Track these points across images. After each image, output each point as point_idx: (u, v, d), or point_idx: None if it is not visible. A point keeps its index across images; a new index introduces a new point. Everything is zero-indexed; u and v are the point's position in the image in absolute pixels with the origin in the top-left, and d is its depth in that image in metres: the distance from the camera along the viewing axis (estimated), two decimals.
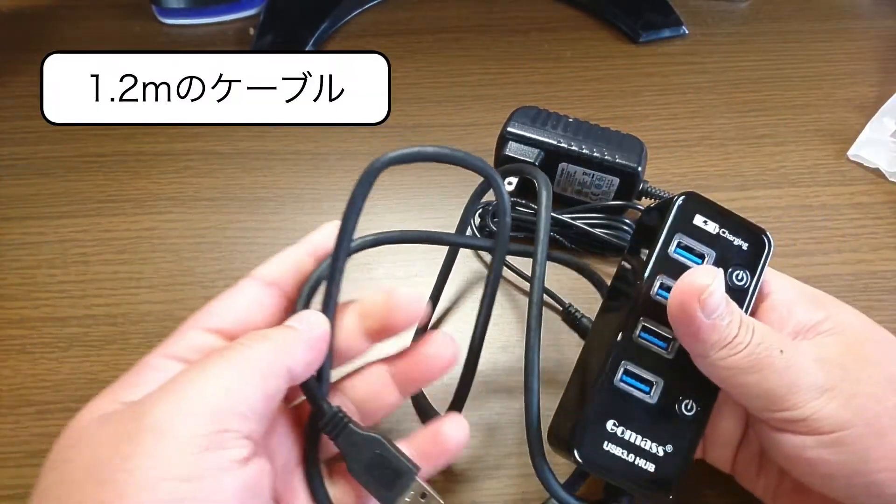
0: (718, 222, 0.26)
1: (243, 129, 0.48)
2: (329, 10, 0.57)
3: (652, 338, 0.25)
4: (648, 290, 0.25)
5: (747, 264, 0.26)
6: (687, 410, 0.25)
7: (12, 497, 0.31)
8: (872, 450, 0.22)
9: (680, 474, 0.25)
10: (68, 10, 0.59)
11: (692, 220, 0.26)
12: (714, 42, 0.57)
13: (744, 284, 0.26)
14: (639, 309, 0.25)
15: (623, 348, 0.25)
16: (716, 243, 0.26)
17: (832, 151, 0.48)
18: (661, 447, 0.25)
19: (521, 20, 0.59)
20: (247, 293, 0.25)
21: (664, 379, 0.25)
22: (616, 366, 0.25)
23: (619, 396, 0.25)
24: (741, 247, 0.26)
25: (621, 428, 0.25)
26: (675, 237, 0.26)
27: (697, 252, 0.26)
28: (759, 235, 0.27)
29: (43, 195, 0.44)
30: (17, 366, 0.36)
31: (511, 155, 0.41)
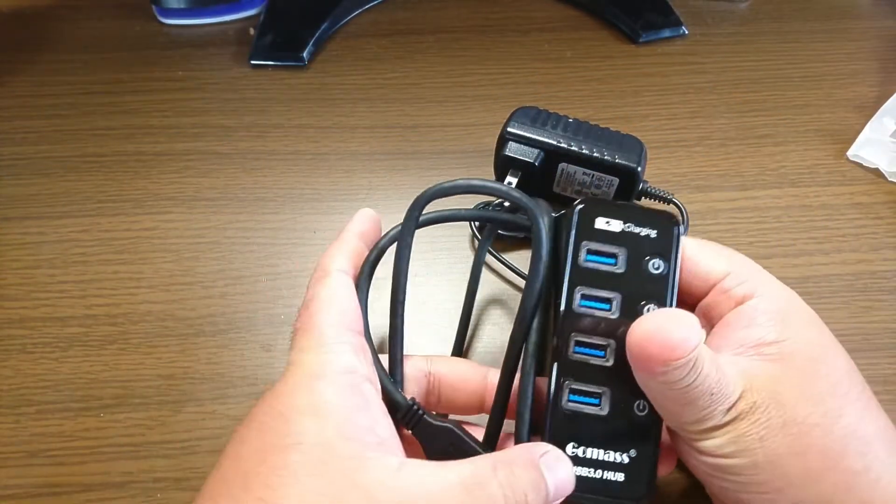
0: (622, 218, 0.26)
1: (243, 129, 0.48)
2: (329, 10, 0.57)
3: (587, 350, 0.25)
4: (571, 306, 0.25)
5: (661, 251, 0.26)
6: (640, 411, 0.25)
7: (12, 497, 0.31)
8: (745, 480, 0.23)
9: (651, 475, 0.25)
10: (68, 10, 0.59)
11: (594, 225, 0.26)
12: (714, 42, 0.57)
13: (662, 272, 0.25)
14: (567, 326, 0.25)
15: (562, 369, 0.25)
16: (624, 240, 0.26)
17: (832, 151, 0.48)
18: (625, 454, 0.25)
19: (521, 20, 0.59)
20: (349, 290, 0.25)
21: (610, 387, 0.25)
22: (560, 389, 0.25)
23: (570, 418, 0.25)
24: (650, 236, 0.26)
25: (581, 448, 0.25)
26: (581, 245, 0.26)
27: (608, 253, 0.26)
28: (666, 220, 0.26)
29: (43, 195, 0.44)
30: (18, 366, 0.36)
31: (511, 155, 0.41)
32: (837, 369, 0.25)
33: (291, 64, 0.54)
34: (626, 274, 0.25)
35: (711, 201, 0.44)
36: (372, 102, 0.51)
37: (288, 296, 0.39)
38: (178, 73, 0.53)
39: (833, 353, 0.25)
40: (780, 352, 0.24)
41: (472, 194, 0.27)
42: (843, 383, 0.24)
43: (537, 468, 0.22)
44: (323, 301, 0.23)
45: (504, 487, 0.20)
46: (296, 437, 0.19)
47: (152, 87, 0.52)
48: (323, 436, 0.19)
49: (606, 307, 0.25)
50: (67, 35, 0.57)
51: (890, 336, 0.38)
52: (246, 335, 0.37)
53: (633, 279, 0.25)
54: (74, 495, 0.31)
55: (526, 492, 0.21)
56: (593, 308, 0.25)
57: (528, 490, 0.21)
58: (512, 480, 0.21)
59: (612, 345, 0.25)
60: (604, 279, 0.25)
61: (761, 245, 0.42)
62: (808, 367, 0.24)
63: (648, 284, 0.25)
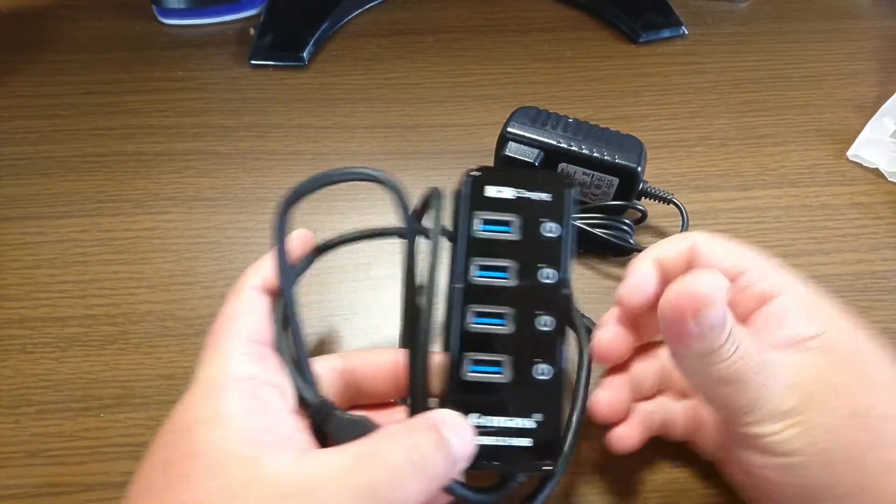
0: (513, 185, 0.26)
1: (243, 129, 0.48)
2: (329, 10, 0.57)
3: (486, 319, 0.25)
4: (467, 277, 0.25)
5: (554, 214, 0.26)
6: (542, 374, 0.25)
7: (12, 497, 0.31)
8: (818, 479, 0.22)
9: (560, 437, 0.25)
10: (68, 10, 0.59)
11: (485, 194, 0.26)
12: (714, 42, 0.57)
13: (555, 234, 0.25)
14: (465, 298, 0.25)
15: (461, 341, 0.25)
16: (516, 206, 0.26)
17: (832, 151, 0.48)
18: (530, 419, 0.25)
19: (521, 20, 0.59)
20: (258, 304, 0.26)
21: (511, 354, 0.25)
22: (460, 360, 0.25)
23: (472, 389, 0.25)
24: (542, 199, 0.26)
25: (486, 418, 0.25)
26: (474, 217, 0.26)
27: (501, 221, 0.26)
28: (558, 183, 0.26)
29: (43, 195, 0.44)
30: (18, 366, 0.36)
31: (511, 155, 0.41)
32: (880, 356, 0.25)
33: (291, 64, 0.54)
34: (522, 240, 0.25)
35: (711, 201, 0.45)
36: (372, 102, 0.51)
37: None
38: (178, 73, 0.53)
39: (868, 340, 0.25)
40: (824, 344, 0.24)
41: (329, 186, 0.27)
42: (889, 369, 0.24)
43: (437, 430, 0.22)
44: (227, 317, 0.25)
45: (404, 450, 0.21)
46: (197, 447, 0.20)
47: (152, 87, 0.52)
48: (221, 442, 0.20)
49: (504, 275, 0.25)
50: (67, 35, 0.57)
51: (890, 336, 0.38)
52: None
53: (528, 245, 0.25)
54: (74, 495, 0.31)
55: (427, 451, 0.21)
56: (491, 277, 0.25)
57: (430, 449, 0.21)
58: (411, 442, 0.21)
59: (512, 312, 0.25)
60: (499, 248, 0.25)
61: (761, 245, 0.42)
62: (854, 358, 0.24)
63: (543, 249, 0.25)
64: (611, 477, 0.33)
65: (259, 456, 0.20)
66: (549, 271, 0.25)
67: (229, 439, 0.20)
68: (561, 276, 0.25)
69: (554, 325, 0.25)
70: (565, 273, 0.25)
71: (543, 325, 0.25)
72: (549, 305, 0.25)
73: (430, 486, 0.21)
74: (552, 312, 0.25)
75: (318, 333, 0.37)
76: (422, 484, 0.21)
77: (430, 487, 0.21)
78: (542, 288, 0.25)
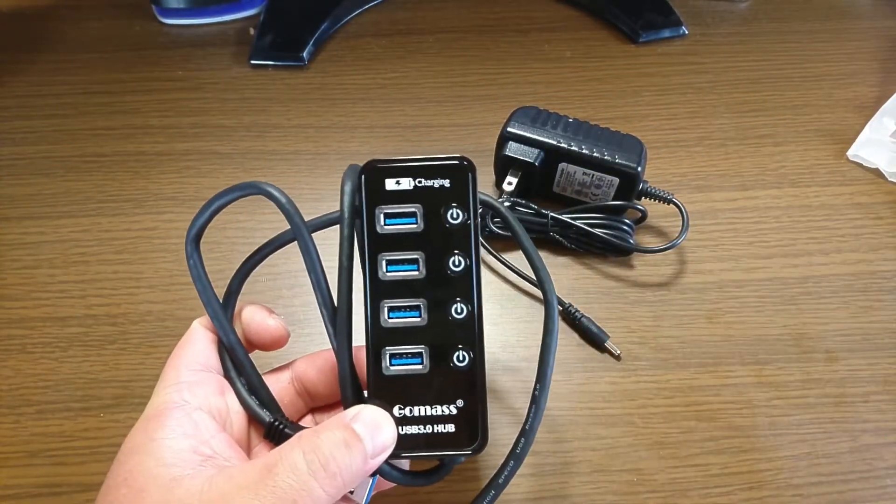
0: (411, 175, 0.25)
1: (243, 129, 0.48)
2: (329, 10, 0.57)
3: (400, 314, 0.25)
4: (377, 274, 0.25)
5: (457, 199, 0.25)
6: (460, 362, 0.25)
7: (12, 497, 0.31)
8: None
9: (481, 420, 0.25)
10: (68, 10, 0.59)
11: (385, 187, 0.25)
12: (714, 42, 0.57)
13: (461, 221, 0.25)
14: (377, 295, 0.25)
15: (378, 338, 0.25)
16: (418, 196, 0.25)
17: (832, 151, 0.48)
18: (451, 406, 0.25)
19: (521, 20, 0.59)
20: (203, 335, 0.27)
21: (427, 344, 0.25)
22: (379, 356, 0.25)
23: (393, 382, 0.25)
24: (444, 186, 0.25)
25: (408, 408, 0.25)
26: (376, 212, 0.25)
27: (405, 213, 0.25)
28: (457, 168, 0.25)
29: (43, 195, 0.44)
30: (18, 366, 0.36)
31: (511, 155, 0.41)
32: None
33: (291, 64, 0.54)
34: (427, 231, 0.25)
35: (711, 201, 0.45)
36: (372, 102, 0.51)
37: (288, 296, 0.39)
38: (177, 73, 0.53)
39: None
40: None
41: (221, 210, 0.26)
42: None
43: (347, 427, 0.23)
44: (175, 350, 0.26)
45: (306, 453, 0.21)
46: (128, 473, 0.22)
47: (152, 87, 0.52)
48: (145, 467, 0.22)
49: (413, 268, 0.25)
50: (67, 35, 0.57)
51: (890, 336, 0.38)
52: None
53: (434, 234, 0.25)
54: (74, 495, 0.31)
55: (331, 452, 0.22)
56: (400, 272, 0.25)
57: (334, 450, 0.22)
58: (314, 445, 0.22)
59: (425, 303, 0.25)
60: (406, 241, 0.25)
61: (761, 245, 0.42)
62: None
63: (450, 236, 0.25)
64: (610, 477, 0.33)
65: (180, 478, 0.21)
66: (459, 258, 0.25)
67: (154, 464, 0.22)
68: (470, 262, 0.25)
69: (468, 312, 0.25)
70: (475, 258, 0.25)
71: (458, 313, 0.25)
72: (462, 293, 0.25)
73: (339, 483, 0.22)
74: (465, 300, 0.25)
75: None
76: (327, 483, 0.21)
77: (339, 484, 0.22)
78: (453, 276, 0.25)
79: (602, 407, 0.35)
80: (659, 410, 0.35)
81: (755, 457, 0.33)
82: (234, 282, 0.28)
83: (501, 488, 0.26)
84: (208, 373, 0.26)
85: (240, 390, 0.26)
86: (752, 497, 0.32)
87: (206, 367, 0.26)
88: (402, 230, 0.25)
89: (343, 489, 0.22)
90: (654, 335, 0.38)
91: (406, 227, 0.25)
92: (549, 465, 0.33)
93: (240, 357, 0.26)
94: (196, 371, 0.25)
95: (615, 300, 0.39)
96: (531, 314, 0.39)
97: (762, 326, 0.38)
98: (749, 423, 0.34)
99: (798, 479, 0.33)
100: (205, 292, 0.26)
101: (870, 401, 0.35)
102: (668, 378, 0.36)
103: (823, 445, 0.34)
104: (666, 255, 0.41)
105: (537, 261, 0.27)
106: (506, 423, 0.34)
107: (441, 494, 0.32)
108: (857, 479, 0.33)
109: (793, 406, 0.35)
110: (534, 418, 0.26)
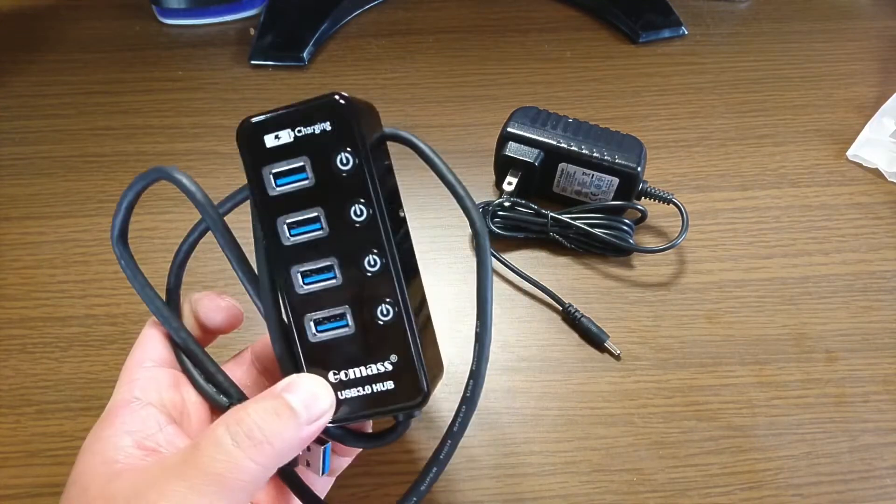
0: (288, 125, 0.23)
1: None
2: (329, 10, 0.57)
3: (314, 277, 0.24)
4: (279, 240, 0.24)
5: (344, 142, 0.23)
6: (385, 315, 0.24)
7: (12, 497, 0.31)
8: None
9: (420, 372, 0.24)
10: (69, 10, 0.59)
11: (265, 145, 0.23)
12: (714, 42, 0.57)
13: (352, 165, 0.23)
14: (283, 261, 0.24)
15: (297, 307, 0.24)
16: (301, 147, 0.23)
17: (832, 151, 0.48)
18: (386, 362, 0.24)
19: (521, 20, 0.59)
20: (155, 333, 0.27)
21: (348, 303, 0.24)
22: (301, 325, 0.24)
23: (322, 349, 0.24)
24: (325, 129, 0.23)
25: (343, 372, 0.24)
26: (263, 173, 0.24)
27: (293, 170, 0.23)
28: (331, 105, 0.23)
29: (43, 195, 0.44)
30: (18, 365, 0.36)
31: (511, 155, 0.41)
32: None
33: (291, 64, 0.54)
34: (319, 183, 0.23)
35: (711, 201, 0.45)
36: (372, 102, 0.51)
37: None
38: (178, 73, 0.53)
39: None
40: None
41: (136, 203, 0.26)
42: None
43: (277, 396, 0.22)
44: (129, 354, 0.26)
45: (229, 426, 0.21)
46: (77, 473, 0.23)
47: (152, 87, 0.52)
48: (90, 465, 0.22)
49: (317, 227, 0.23)
50: (68, 35, 0.57)
51: (890, 336, 0.38)
52: (246, 335, 0.37)
53: (329, 186, 0.23)
54: None
55: (256, 422, 0.21)
56: (304, 233, 0.24)
57: (260, 419, 0.21)
58: (238, 418, 0.21)
59: (336, 261, 0.23)
60: (301, 199, 0.23)
61: (761, 245, 0.42)
62: None
63: (346, 185, 0.23)
64: (610, 477, 0.33)
65: (119, 471, 0.22)
66: (360, 207, 0.23)
67: (99, 461, 0.22)
68: (373, 209, 0.23)
69: (381, 263, 0.23)
70: (377, 204, 0.23)
71: (372, 265, 0.23)
72: (372, 243, 0.23)
73: (269, 452, 0.21)
74: (377, 250, 0.23)
75: None
76: (254, 452, 0.21)
77: (270, 452, 0.21)
78: (359, 227, 0.23)
79: (602, 407, 0.35)
80: (659, 410, 0.35)
81: (755, 456, 0.33)
82: (170, 278, 0.28)
83: (458, 436, 0.25)
84: (161, 368, 0.26)
85: (196, 379, 0.26)
86: (752, 497, 0.32)
87: (160, 362, 0.26)
88: (295, 188, 0.23)
89: (277, 459, 0.21)
90: (653, 335, 0.38)
91: (298, 184, 0.23)
92: (550, 464, 0.33)
93: (191, 348, 0.26)
94: (148, 368, 0.25)
95: (615, 300, 0.40)
96: (531, 314, 0.39)
97: (762, 326, 0.38)
98: (749, 423, 0.34)
99: (798, 479, 0.33)
100: (143, 290, 0.26)
101: (869, 401, 0.35)
102: (668, 378, 0.36)
103: (823, 445, 0.34)
104: (666, 255, 0.41)
105: (458, 187, 0.25)
106: (506, 423, 0.34)
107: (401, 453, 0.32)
108: (857, 479, 0.33)
109: (792, 406, 0.35)
110: (479, 358, 0.25)
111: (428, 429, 0.34)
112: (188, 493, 0.20)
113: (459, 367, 0.37)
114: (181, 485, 0.20)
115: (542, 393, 0.36)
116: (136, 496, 0.20)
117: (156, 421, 0.24)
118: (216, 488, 0.20)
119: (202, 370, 0.26)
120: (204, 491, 0.20)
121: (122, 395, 0.25)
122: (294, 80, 0.53)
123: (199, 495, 0.20)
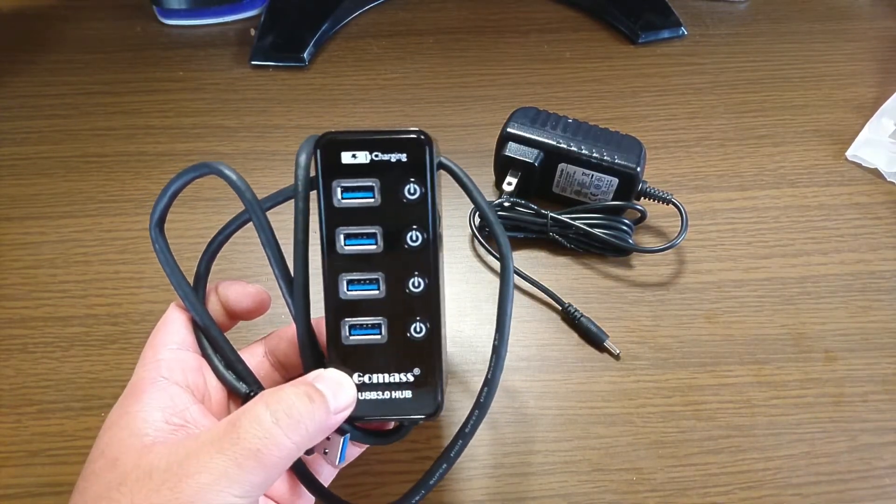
0: (367, 149, 0.25)
1: (244, 130, 0.49)
2: (329, 11, 0.57)
3: (359, 286, 0.26)
4: (335, 248, 0.25)
5: (414, 175, 0.25)
6: (418, 333, 0.26)
7: (13, 497, 0.32)
8: None
9: (438, 390, 0.26)
10: (69, 10, 0.59)
11: (341, 161, 0.25)
12: (713, 43, 0.57)
13: (418, 196, 0.25)
14: (335, 268, 0.26)
15: (337, 310, 0.26)
16: (375, 170, 0.25)
17: (831, 152, 0.48)
18: (408, 374, 0.26)
19: (520, 21, 0.59)
20: (179, 316, 0.28)
21: (386, 316, 0.26)
22: (338, 327, 0.26)
23: (352, 352, 0.26)
24: (401, 160, 0.25)
25: (367, 376, 0.26)
26: (333, 185, 0.25)
27: (362, 187, 0.25)
28: (414, 142, 0.25)
29: (44, 195, 0.44)
30: (19, 365, 0.36)
31: (511, 155, 0.41)
32: None
33: (292, 64, 0.54)
34: (384, 205, 0.25)
35: (710, 201, 0.45)
36: (372, 103, 0.51)
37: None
38: (178, 74, 0.53)
39: None
40: None
41: (180, 193, 0.28)
42: None
43: (309, 384, 0.24)
44: (152, 335, 0.27)
45: (269, 404, 0.22)
46: (105, 447, 0.23)
47: (153, 88, 0.52)
48: (118, 438, 0.23)
49: (371, 242, 0.25)
50: (68, 35, 0.57)
51: (889, 336, 0.38)
52: (246, 335, 0.37)
53: (391, 209, 0.25)
54: None
55: (293, 402, 0.22)
56: (358, 246, 0.25)
57: (296, 402, 0.22)
58: (277, 398, 0.22)
59: (383, 276, 0.25)
60: (363, 215, 0.25)
61: (760, 245, 0.42)
62: None
63: (408, 211, 0.25)
64: (610, 476, 0.33)
65: (151, 444, 0.22)
66: (416, 233, 0.25)
67: (128, 435, 0.23)
68: (428, 236, 0.25)
69: (425, 285, 0.26)
70: (432, 233, 0.25)
71: (416, 287, 0.26)
72: (420, 267, 0.25)
73: (303, 432, 0.22)
74: (423, 274, 0.25)
75: None
76: (291, 430, 0.22)
77: (304, 432, 0.22)
78: (411, 251, 0.25)
79: (601, 406, 0.35)
80: (658, 410, 0.35)
81: (754, 456, 0.33)
82: (200, 265, 0.29)
83: (469, 437, 0.26)
84: (185, 351, 0.26)
85: (216, 365, 0.27)
86: (751, 496, 0.32)
87: (183, 346, 0.26)
88: (360, 204, 0.25)
89: (308, 440, 0.22)
90: (653, 335, 0.38)
91: (363, 201, 0.25)
92: (549, 463, 0.33)
93: (213, 334, 0.27)
94: (173, 350, 0.26)
95: (614, 300, 0.40)
96: (531, 314, 0.39)
97: (761, 326, 0.38)
98: (748, 423, 0.35)
99: (797, 479, 0.33)
100: (173, 275, 0.27)
101: (868, 400, 0.35)
102: (667, 377, 0.36)
103: (822, 445, 0.34)
104: (665, 255, 0.42)
105: (491, 215, 0.27)
106: (506, 423, 0.34)
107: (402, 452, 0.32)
108: (856, 479, 0.33)
109: (791, 405, 0.35)
110: (495, 367, 0.26)
111: (428, 429, 0.34)
112: (229, 466, 0.21)
113: (460, 368, 0.37)
114: (221, 458, 0.21)
115: (542, 392, 0.36)
116: (175, 468, 0.21)
117: (182, 399, 0.24)
118: (255, 463, 0.21)
119: (222, 356, 0.27)
120: (244, 465, 0.21)
121: (148, 372, 0.25)
122: (294, 81, 0.53)
123: (239, 468, 0.21)
